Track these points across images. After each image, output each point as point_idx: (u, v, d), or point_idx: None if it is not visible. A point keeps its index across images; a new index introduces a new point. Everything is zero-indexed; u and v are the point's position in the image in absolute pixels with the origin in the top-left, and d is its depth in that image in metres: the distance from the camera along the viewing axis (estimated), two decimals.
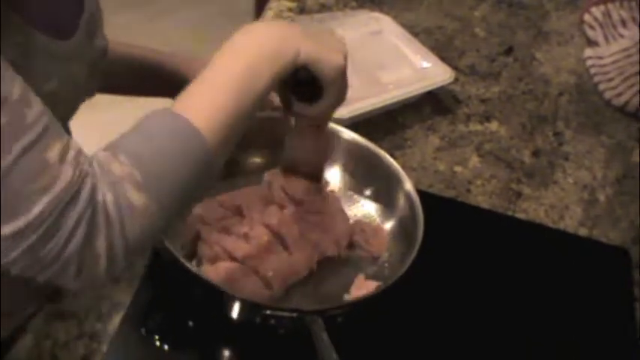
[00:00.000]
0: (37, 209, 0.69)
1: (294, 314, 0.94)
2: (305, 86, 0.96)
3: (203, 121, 0.81)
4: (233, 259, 1.02)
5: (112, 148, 0.78)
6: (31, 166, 0.70)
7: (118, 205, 0.74)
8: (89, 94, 1.05)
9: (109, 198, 0.74)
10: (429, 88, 1.43)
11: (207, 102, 0.84)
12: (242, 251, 1.02)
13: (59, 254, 0.71)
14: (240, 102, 0.85)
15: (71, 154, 0.73)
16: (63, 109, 0.95)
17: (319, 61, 0.92)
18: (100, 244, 0.73)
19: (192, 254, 1.05)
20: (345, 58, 0.95)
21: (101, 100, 1.19)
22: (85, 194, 0.72)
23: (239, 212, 1.09)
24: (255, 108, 0.88)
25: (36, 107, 0.73)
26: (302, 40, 0.91)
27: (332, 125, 1.20)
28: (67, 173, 0.72)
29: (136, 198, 0.75)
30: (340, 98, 1.00)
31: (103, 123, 2.52)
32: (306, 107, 0.99)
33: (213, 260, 1.03)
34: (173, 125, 0.80)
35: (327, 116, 1.04)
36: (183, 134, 0.80)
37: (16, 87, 0.72)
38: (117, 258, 0.74)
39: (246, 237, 1.04)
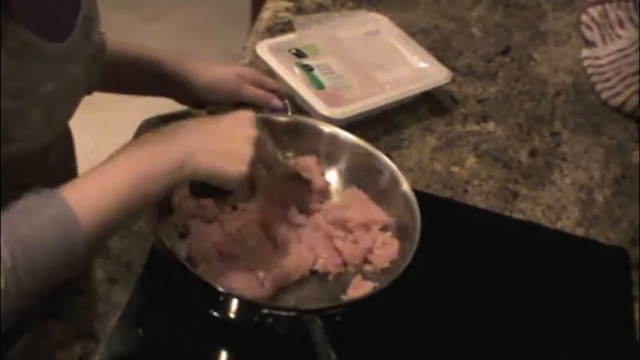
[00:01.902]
0: None
1: (292, 314, 0.94)
2: (207, 189, 0.98)
3: (88, 215, 0.82)
4: (222, 254, 1.03)
5: None
6: None
7: None
8: (88, 91, 1.05)
9: None
10: (426, 88, 1.43)
11: (99, 198, 0.85)
12: (230, 247, 1.03)
13: None
14: (128, 206, 0.87)
15: None
16: (62, 110, 0.95)
17: (218, 176, 0.92)
18: None
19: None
20: (249, 162, 0.93)
21: (99, 99, 1.19)
22: None
23: (234, 206, 1.10)
24: (141, 211, 0.92)
25: None
26: (203, 155, 0.90)
27: (330, 126, 1.20)
28: None
29: None
30: (254, 193, 1.00)
31: (101, 123, 2.53)
32: (232, 199, 1.02)
33: (204, 255, 1.03)
34: (57, 215, 0.81)
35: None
36: (65, 226, 0.81)
37: None
38: None
39: (238, 232, 1.04)
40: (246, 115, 0.98)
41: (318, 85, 1.36)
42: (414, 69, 1.47)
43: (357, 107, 1.32)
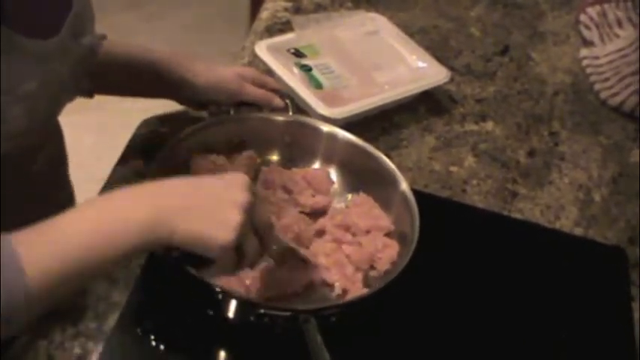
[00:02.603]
0: None
1: (288, 314, 0.94)
2: (184, 261, 0.87)
3: (37, 273, 0.75)
4: None
5: None
6: None
7: None
8: (76, 93, 1.04)
9: None
10: (425, 88, 1.43)
11: (54, 254, 0.77)
12: None
13: None
14: (86, 267, 0.79)
15: None
16: (43, 110, 0.93)
17: (200, 244, 0.84)
18: None
19: None
20: (237, 228, 0.85)
21: (98, 99, 1.19)
22: None
23: None
24: (103, 271, 0.84)
25: None
26: (181, 218, 0.82)
27: (329, 125, 1.20)
28: None
29: None
30: (237, 265, 0.93)
31: (99, 123, 2.53)
32: (205, 271, 0.90)
33: None
34: (4, 264, 0.74)
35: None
36: (9, 281, 0.74)
37: None
38: None
39: None
40: (240, 178, 0.90)
41: (317, 85, 1.36)
42: (412, 69, 1.47)
43: (355, 107, 1.32)
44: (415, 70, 1.47)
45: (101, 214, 0.81)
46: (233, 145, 1.16)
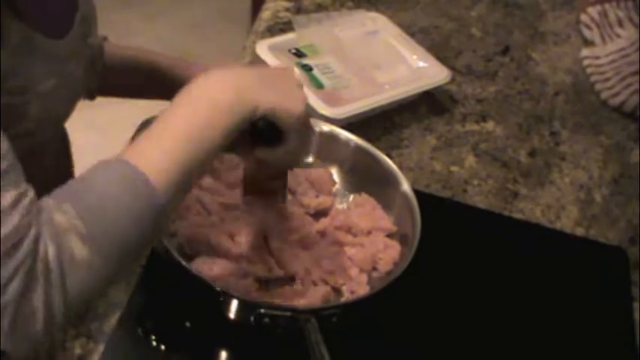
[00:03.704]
0: None
1: (289, 313, 0.94)
2: (265, 133, 0.93)
3: (154, 172, 0.78)
4: (210, 245, 1.03)
5: (59, 196, 0.75)
6: None
7: (60, 257, 0.71)
8: (85, 93, 1.05)
9: (51, 250, 0.71)
10: (426, 88, 1.43)
11: (160, 152, 0.81)
12: (225, 244, 1.04)
13: None
14: (194, 154, 0.82)
15: (24, 201, 0.71)
16: (59, 109, 0.95)
17: (278, 112, 0.89)
18: (37, 296, 0.69)
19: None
20: (305, 103, 0.92)
21: (100, 101, 1.19)
22: (26, 244, 0.69)
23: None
24: (210, 159, 0.86)
25: (2, 148, 0.71)
26: (260, 92, 0.88)
27: (330, 125, 1.20)
28: (13, 221, 0.69)
29: (79, 250, 0.72)
30: (303, 145, 0.97)
31: (101, 124, 2.53)
32: (267, 152, 0.95)
33: (193, 244, 1.03)
34: (122, 175, 0.77)
35: (291, 162, 1.02)
36: (133, 185, 0.77)
37: None
38: (55, 312, 0.71)
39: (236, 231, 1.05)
40: (288, 67, 1.01)
41: (318, 85, 1.36)
42: (413, 69, 1.47)
43: (356, 107, 1.32)
44: (416, 70, 1.47)
45: (190, 107, 0.86)
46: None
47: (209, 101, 0.85)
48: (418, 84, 1.42)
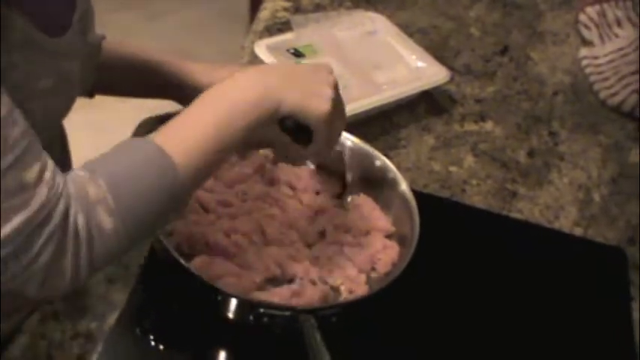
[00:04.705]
0: (10, 227, 0.73)
1: (288, 313, 0.94)
2: (294, 131, 0.97)
3: (180, 156, 0.84)
4: (208, 245, 1.03)
5: (92, 169, 0.82)
6: (10, 185, 0.73)
7: (89, 227, 0.78)
8: (83, 91, 1.04)
9: (81, 220, 0.77)
10: (424, 88, 1.43)
11: (187, 138, 0.87)
12: (221, 242, 1.04)
13: (26, 269, 0.75)
14: (218, 144, 0.88)
15: (48, 174, 0.76)
16: (58, 107, 0.95)
17: (303, 111, 0.93)
18: (67, 262, 0.77)
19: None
20: (331, 100, 0.95)
21: (98, 99, 1.18)
22: (57, 215, 0.75)
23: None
24: (232, 151, 0.93)
25: (20, 126, 0.75)
26: (286, 90, 0.92)
27: None
28: (42, 194, 0.75)
29: (107, 222, 0.79)
30: (331, 140, 1.00)
31: (99, 123, 2.53)
32: (298, 150, 0.99)
33: (190, 241, 1.03)
34: (151, 155, 0.84)
35: (320, 158, 1.09)
36: (160, 166, 0.83)
37: (3, 105, 0.74)
38: (81, 274, 0.79)
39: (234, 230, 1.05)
40: (325, 65, 1.01)
41: None
42: (412, 68, 1.47)
43: (354, 107, 1.32)
44: (415, 69, 1.47)
45: (218, 101, 0.91)
46: None
47: (236, 97, 0.91)
48: (417, 84, 1.42)
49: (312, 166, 1.18)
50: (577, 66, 1.65)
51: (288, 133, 0.96)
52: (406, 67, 1.47)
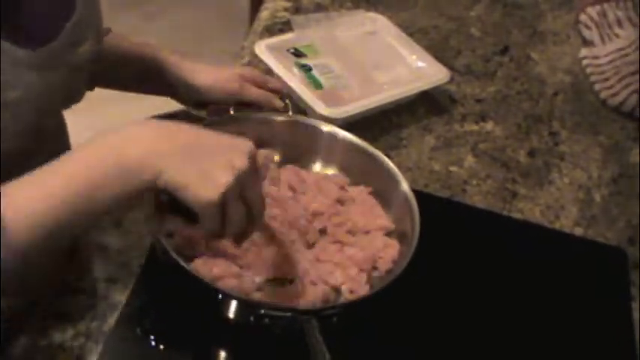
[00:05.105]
0: None
1: (289, 314, 0.94)
2: (174, 204, 0.85)
3: (19, 210, 0.74)
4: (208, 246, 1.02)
5: None
6: None
7: None
8: (73, 99, 1.03)
9: None
10: (425, 88, 1.43)
11: (38, 192, 0.76)
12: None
13: None
14: (74, 215, 0.78)
15: None
16: (31, 117, 0.92)
17: (182, 190, 0.82)
18: None
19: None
20: (225, 187, 0.82)
21: (98, 100, 1.19)
22: None
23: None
24: (92, 222, 0.82)
25: None
26: (169, 161, 0.80)
27: (329, 125, 1.20)
28: None
29: None
30: (231, 225, 0.88)
31: (100, 123, 2.52)
32: (176, 224, 0.90)
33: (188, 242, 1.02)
34: None
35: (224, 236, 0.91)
36: None
37: None
38: None
39: None
40: (246, 144, 0.87)
41: (316, 85, 1.36)
42: (412, 68, 1.47)
43: (355, 107, 1.32)
44: (415, 69, 1.47)
45: (84, 167, 0.80)
46: None
47: (108, 159, 0.80)
48: (417, 84, 1.42)
49: (315, 169, 1.18)
50: (577, 66, 1.65)
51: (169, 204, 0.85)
52: (406, 67, 1.47)
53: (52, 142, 1.09)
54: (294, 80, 1.34)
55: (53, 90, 0.94)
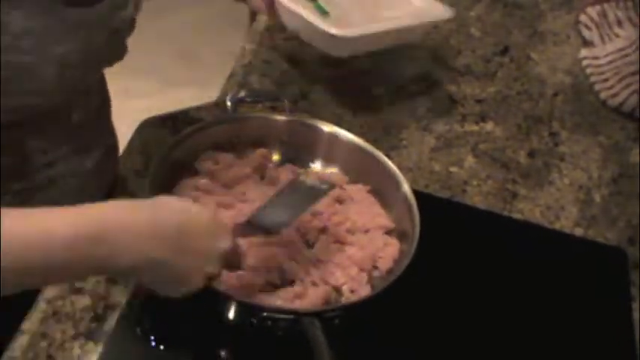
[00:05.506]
0: None
1: (291, 316, 0.94)
2: None
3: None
4: None
5: None
6: None
7: None
8: (114, 59, 1.06)
9: None
10: (427, 20, 1.46)
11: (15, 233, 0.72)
12: None
13: None
14: (46, 273, 0.75)
15: None
16: (76, 73, 0.97)
17: (151, 285, 0.85)
18: None
19: None
20: (210, 276, 0.87)
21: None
22: None
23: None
24: (60, 282, 0.89)
25: None
26: (145, 252, 0.79)
27: (330, 125, 1.20)
28: None
29: None
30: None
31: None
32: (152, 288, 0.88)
33: None
34: None
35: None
36: None
37: None
38: None
39: None
40: (223, 226, 0.91)
41: (323, 13, 1.39)
42: (415, 7, 1.48)
43: (363, 29, 1.34)
44: (418, 8, 1.48)
45: (64, 238, 0.75)
46: (241, 144, 1.17)
47: (102, 266, 0.78)
48: (420, 18, 1.45)
49: (315, 168, 1.18)
50: (577, 66, 1.65)
51: None
52: (410, 5, 1.49)
53: (94, 97, 1.12)
54: (300, 6, 1.35)
55: (96, 48, 0.98)
